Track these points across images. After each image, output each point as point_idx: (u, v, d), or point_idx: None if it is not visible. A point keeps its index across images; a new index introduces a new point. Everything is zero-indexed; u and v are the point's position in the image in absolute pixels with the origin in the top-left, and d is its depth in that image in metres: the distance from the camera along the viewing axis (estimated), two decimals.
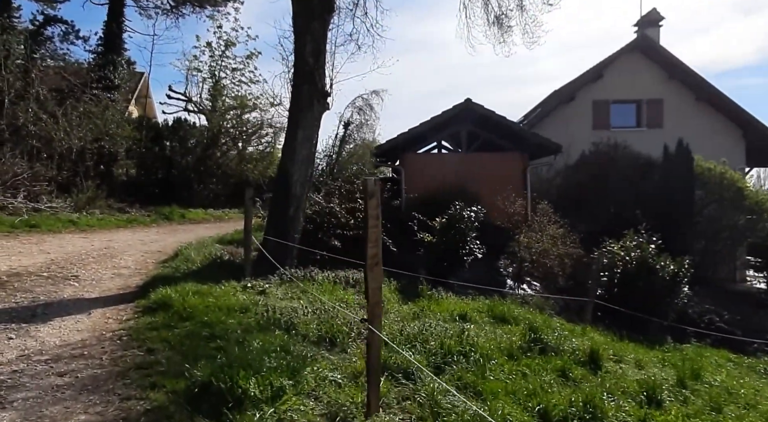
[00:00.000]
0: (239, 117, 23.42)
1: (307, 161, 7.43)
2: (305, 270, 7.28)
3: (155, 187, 20.60)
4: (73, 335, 3.90)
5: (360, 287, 6.88)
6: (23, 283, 5.50)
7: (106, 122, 16.58)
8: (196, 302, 4.73)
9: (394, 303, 6.38)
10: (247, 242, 6.77)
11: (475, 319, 5.95)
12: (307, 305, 5.63)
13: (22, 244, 8.71)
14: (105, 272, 6.70)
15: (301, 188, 7.40)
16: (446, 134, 12.97)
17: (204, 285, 5.70)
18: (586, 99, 19.20)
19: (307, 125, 7.32)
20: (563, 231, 9.70)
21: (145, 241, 10.46)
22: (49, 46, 24.49)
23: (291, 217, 7.34)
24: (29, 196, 12.31)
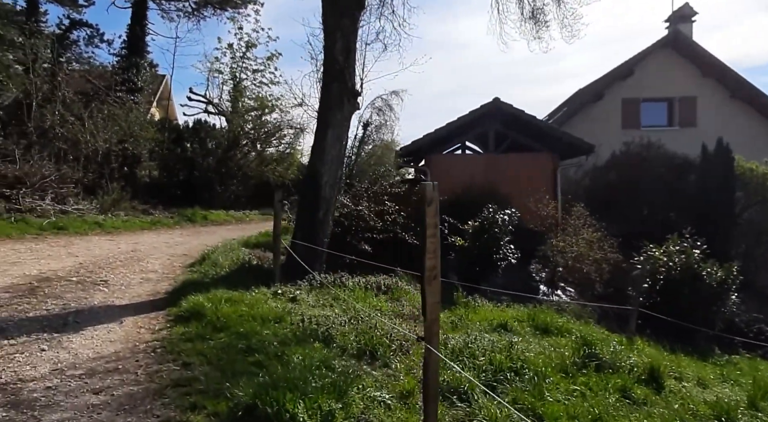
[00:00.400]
0: (259, 118, 23.42)
1: (336, 162, 7.20)
2: (335, 275, 7.06)
3: (177, 188, 20.71)
4: (106, 346, 3.72)
5: (392, 294, 6.63)
6: (53, 288, 5.38)
7: (130, 124, 16.70)
8: (229, 311, 4.53)
9: None
10: (276, 246, 6.57)
11: (516, 329, 5.63)
12: (340, 313, 5.41)
13: (51, 247, 8.69)
14: (133, 276, 6.57)
15: (331, 190, 7.17)
16: (473, 135, 12.64)
17: (234, 292, 5.52)
18: (615, 97, 18.62)
19: (336, 125, 7.09)
20: (600, 235, 9.28)
21: (170, 243, 10.39)
22: (74, 49, 24.98)
23: (320, 220, 7.12)
24: (56, 198, 12.39)
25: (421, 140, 12.21)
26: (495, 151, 12.48)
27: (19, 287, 5.32)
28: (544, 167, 12.13)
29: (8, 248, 8.15)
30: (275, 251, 6.60)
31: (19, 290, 5.18)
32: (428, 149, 12.56)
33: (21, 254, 7.58)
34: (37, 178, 11.98)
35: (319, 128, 7.17)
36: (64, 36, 24.13)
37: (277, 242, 6.57)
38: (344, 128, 7.21)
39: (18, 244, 8.68)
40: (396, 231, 8.27)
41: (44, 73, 17.33)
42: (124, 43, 23.02)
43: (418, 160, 13.26)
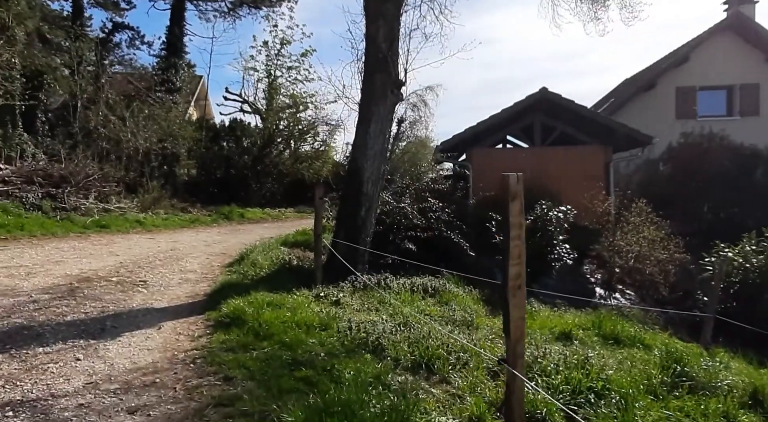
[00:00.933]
0: (294, 115, 23.37)
1: (380, 157, 6.80)
2: (378, 276, 6.67)
3: (214, 186, 20.93)
4: (144, 355, 3.45)
5: (441, 297, 6.18)
6: (93, 289, 5.23)
7: (170, 123, 16.89)
8: (272, 317, 4.20)
9: (483, 317, 5.62)
10: (318, 246, 6.24)
11: (581, 339, 5.07)
12: (388, 319, 5.01)
13: (93, 245, 8.71)
14: (172, 276, 6.40)
15: (374, 186, 6.78)
16: (517, 127, 11.98)
17: (275, 295, 5.21)
18: (669, 86, 17.44)
19: (379, 118, 6.69)
20: (663, 233, 8.50)
21: (208, 242, 10.30)
22: (117, 52, 25.68)
23: (363, 218, 6.75)
24: (99, 196, 12.58)
25: (463, 134, 11.67)
26: (541, 144, 11.78)
27: (59, 287, 5.19)
28: (595, 161, 11.35)
29: (52, 246, 8.20)
30: (316, 250, 6.27)
31: (59, 291, 5.05)
32: (470, 143, 12.01)
33: (64, 253, 7.58)
34: (81, 177, 12.18)
35: (360, 121, 6.79)
36: (107, 39, 24.87)
37: (318, 241, 6.23)
38: (387, 120, 6.80)
39: (62, 242, 8.75)
40: (441, 229, 7.81)
41: (89, 76, 17.85)
42: (163, 45, 23.46)
43: (459, 155, 12.70)
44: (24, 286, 5.18)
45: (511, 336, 2.31)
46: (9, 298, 4.63)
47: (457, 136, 11.75)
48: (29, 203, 10.55)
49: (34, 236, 9.16)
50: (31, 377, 2.95)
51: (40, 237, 9.12)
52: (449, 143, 11.79)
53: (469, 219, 8.72)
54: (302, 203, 23.50)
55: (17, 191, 10.75)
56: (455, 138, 11.77)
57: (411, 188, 8.72)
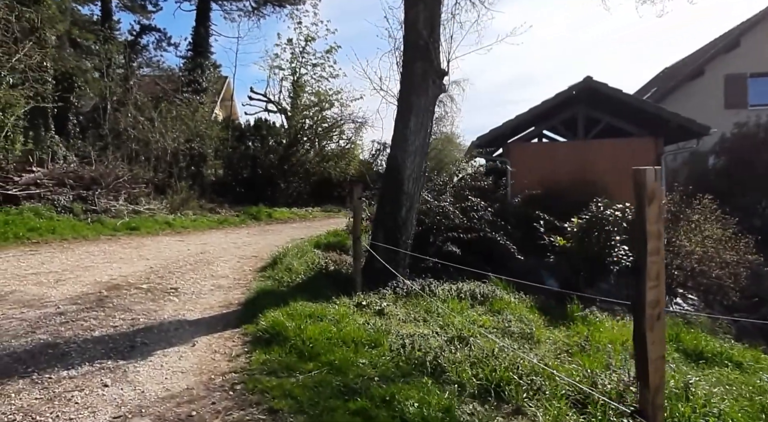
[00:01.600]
0: (320, 113, 23.07)
1: (421, 153, 6.30)
2: (421, 282, 6.19)
3: (241, 186, 20.83)
4: (177, 379, 3.06)
5: (491, 306, 5.64)
6: (122, 299, 4.91)
7: (197, 124, 16.79)
8: (315, 333, 3.77)
9: (542, 328, 5.06)
10: (357, 250, 5.79)
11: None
12: (439, 331, 4.53)
13: (123, 248, 8.50)
14: (204, 282, 6.06)
15: (414, 184, 6.29)
16: (558, 120, 11.27)
17: (315, 304, 4.80)
18: (716, 73, 16.33)
19: (420, 110, 6.19)
20: (731, 232, 7.73)
21: (238, 244, 10.01)
22: (144, 54, 25.93)
23: (403, 218, 6.26)
24: (129, 198, 12.49)
25: (500, 128, 11.06)
26: (585, 137, 11.05)
27: (88, 297, 4.90)
28: (644, 154, 10.56)
29: (83, 250, 8.01)
30: (355, 254, 5.83)
31: (88, 301, 4.75)
32: (508, 137, 11.39)
33: (94, 258, 7.37)
34: (111, 178, 12.10)
35: (400, 115, 6.30)
36: (135, 42, 25.13)
37: (357, 244, 5.79)
38: (429, 113, 6.29)
39: (92, 246, 8.58)
40: (485, 230, 7.26)
41: (118, 78, 17.96)
42: (189, 45, 23.56)
43: (495, 150, 12.08)
44: (52, 295, 4.91)
45: (649, 382, 1.78)
46: (35, 309, 4.34)
47: (494, 130, 11.14)
48: (61, 206, 10.48)
49: (65, 239, 9.03)
50: (53, 409, 2.59)
51: (71, 240, 8.99)
52: (486, 137, 11.19)
53: (512, 218, 8.13)
54: (329, 202, 23.21)
55: (49, 194, 10.71)
56: (492, 132, 11.16)
57: (450, 185, 8.18)
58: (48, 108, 13.83)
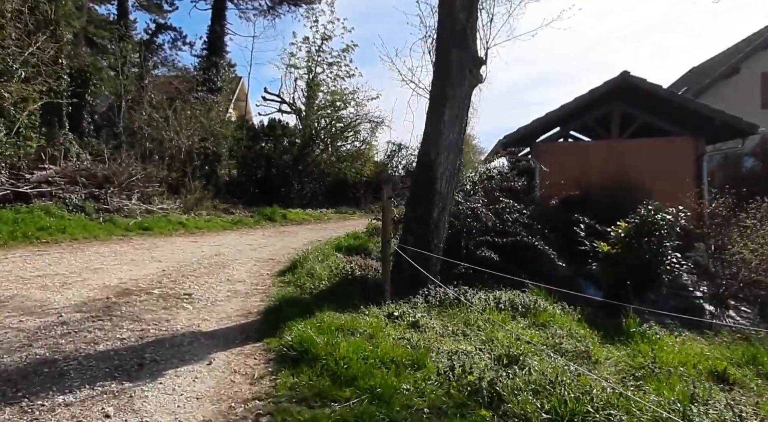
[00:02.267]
0: (335, 113, 22.65)
1: (455, 149, 5.79)
2: (455, 290, 5.66)
3: (255, 187, 20.49)
4: (192, 408, 2.58)
5: (534, 318, 5.09)
6: (132, 306, 4.47)
7: (211, 122, 16.47)
8: (349, 351, 3.26)
9: (597, 346, 4.50)
10: (385, 254, 5.28)
11: (739, 381, 3.90)
12: (484, 347, 4.01)
13: (135, 249, 8.11)
14: (219, 287, 5.61)
15: (448, 183, 5.78)
16: (591, 118, 10.66)
17: (343, 314, 4.31)
18: (753, 71, 15.54)
19: (455, 103, 5.67)
20: None
21: (253, 246, 9.57)
22: (160, 53, 25.84)
23: (435, 221, 5.75)
24: (142, 197, 12.16)
25: (529, 126, 10.49)
26: (620, 136, 10.43)
27: (94, 303, 4.46)
28: (684, 155, 9.92)
29: (93, 251, 7.63)
30: (384, 259, 5.32)
31: (94, 308, 4.31)
32: (536, 136, 10.82)
33: (105, 259, 6.97)
34: (124, 177, 11.78)
35: (433, 107, 5.79)
36: (150, 41, 25.05)
37: (386, 248, 5.28)
38: (464, 106, 5.77)
39: (104, 246, 8.20)
40: (520, 234, 6.71)
41: (133, 76, 17.79)
42: (205, 44, 23.39)
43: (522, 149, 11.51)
44: (56, 301, 4.48)
45: None
46: (36, 318, 3.91)
47: (522, 128, 10.58)
48: (72, 204, 10.15)
49: (75, 239, 8.67)
50: None
51: (81, 240, 8.63)
52: (513, 135, 10.62)
53: (544, 222, 7.56)
54: (343, 203, 22.77)
55: (61, 192, 10.39)
56: (520, 131, 10.59)
57: (480, 185, 7.63)
58: (63, 105, 13.62)
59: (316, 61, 22.76)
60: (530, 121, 10.41)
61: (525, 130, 10.52)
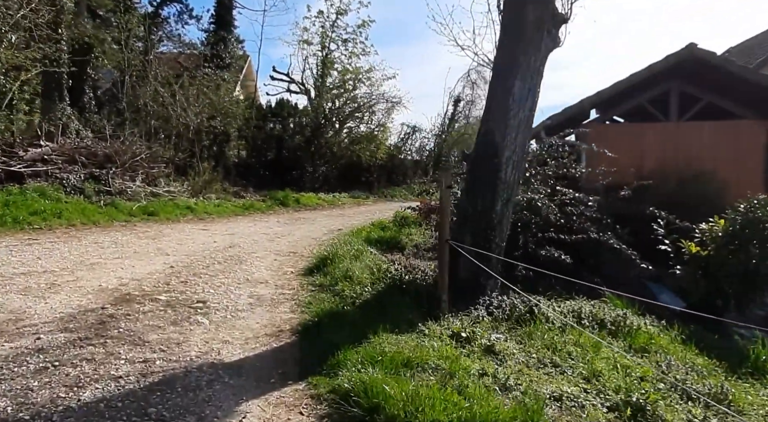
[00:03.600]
0: (350, 92, 21.47)
1: (525, 129, 4.75)
2: (520, 297, 4.69)
3: (265, 169, 19.51)
4: None
5: (630, 340, 4.12)
6: (132, 320, 3.53)
7: (220, 99, 15.39)
8: (437, 411, 2.31)
9: (719, 376, 3.54)
10: (444, 257, 4.30)
11: None
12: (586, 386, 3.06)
13: (139, 239, 7.19)
14: (238, 291, 4.67)
15: (515, 170, 4.76)
16: (646, 98, 9.51)
17: (401, 336, 3.37)
18: None
19: (528, 71, 4.61)
20: None
21: (269, 235, 8.63)
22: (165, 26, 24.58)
23: (498, 215, 4.75)
24: (147, 179, 11.22)
25: (575, 107, 9.37)
26: (679, 118, 9.30)
27: (85, 317, 3.53)
28: (752, 140, 8.78)
29: (91, 240, 6.71)
30: (441, 262, 4.34)
31: (85, 324, 3.38)
32: (582, 118, 9.70)
33: (103, 251, 6.04)
34: (127, 156, 10.82)
35: (499, 78, 4.74)
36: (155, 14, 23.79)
37: (444, 250, 4.29)
38: (538, 75, 4.71)
39: (104, 235, 7.28)
40: (589, 230, 5.70)
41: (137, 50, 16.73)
42: (212, 18, 22.15)
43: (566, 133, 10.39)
44: (37, 312, 3.56)
45: None
46: (5, 341, 2.99)
47: (568, 109, 9.45)
48: (70, 186, 9.22)
49: (72, 225, 7.77)
50: None
51: (79, 227, 7.72)
52: (558, 117, 9.50)
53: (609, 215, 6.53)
54: (356, 187, 21.78)
55: (57, 172, 9.45)
56: (565, 112, 9.48)
57: (540, 171, 6.59)
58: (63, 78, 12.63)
59: (330, 37, 21.51)
60: (578, 100, 9.29)
61: (570, 111, 9.40)
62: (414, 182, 27.48)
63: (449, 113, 31.61)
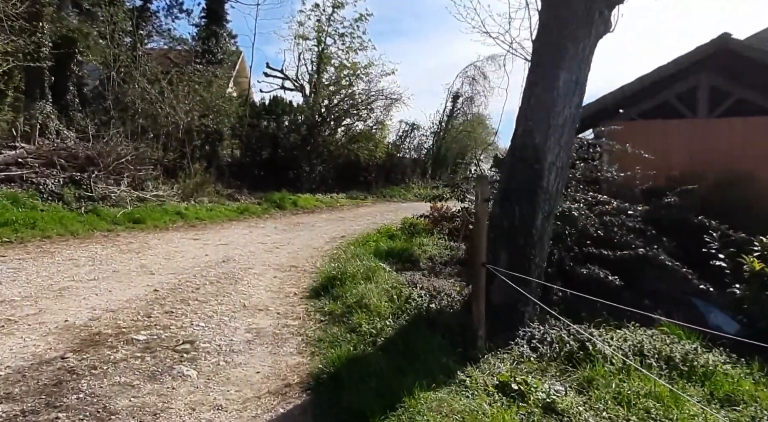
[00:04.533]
0: (348, 88, 20.66)
1: (570, 128, 4.05)
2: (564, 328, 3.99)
3: (260, 169, 18.67)
4: None
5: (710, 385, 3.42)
6: (98, 377, 2.79)
7: (212, 96, 14.54)
8: None
9: None
10: (480, 284, 3.59)
11: None
12: None
13: (121, 253, 6.41)
14: (234, 323, 3.93)
15: (558, 177, 4.05)
16: (674, 92, 8.84)
17: (438, 391, 2.66)
18: None
19: (576, 61, 3.90)
20: None
21: (267, 244, 7.88)
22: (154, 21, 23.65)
23: (539, 230, 4.05)
24: (134, 182, 10.40)
25: (596, 104, 8.71)
26: (709, 114, 8.65)
27: (38, 373, 2.78)
28: None
29: (66, 256, 5.93)
30: (476, 292, 3.62)
31: (35, 386, 2.63)
32: (603, 115, 9.03)
33: (78, 270, 5.27)
34: (111, 158, 9.99)
35: (539, 68, 4.02)
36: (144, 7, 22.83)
37: (480, 276, 3.58)
38: (586, 65, 4.00)
39: (81, 248, 6.49)
40: (635, 244, 5.01)
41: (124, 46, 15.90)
42: (203, 12, 21.27)
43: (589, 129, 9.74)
44: None
45: None
46: None
47: (594, 104, 8.79)
48: (47, 192, 8.41)
49: (47, 236, 6.97)
50: None
51: (54, 239, 6.93)
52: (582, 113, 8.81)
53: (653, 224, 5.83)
54: (354, 187, 21.02)
55: (34, 176, 8.64)
56: (588, 108, 8.80)
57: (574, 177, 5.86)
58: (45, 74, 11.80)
59: (326, 31, 20.68)
60: (599, 96, 8.61)
61: (593, 107, 8.72)
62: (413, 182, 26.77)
63: (448, 110, 30.94)
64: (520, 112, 4.20)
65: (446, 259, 6.45)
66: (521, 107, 4.20)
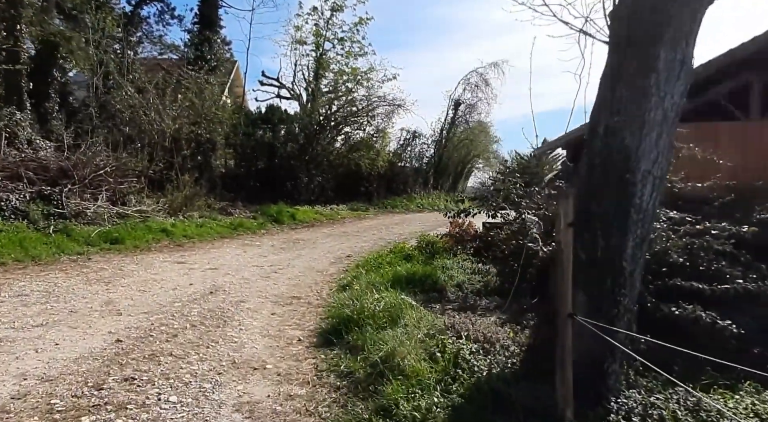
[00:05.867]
0: (348, 94, 19.71)
1: (671, 125, 3.02)
2: (674, 396, 2.93)
3: (255, 180, 17.59)
4: None
5: None
6: None
7: (204, 102, 13.51)
8: None
9: None
10: (563, 342, 2.53)
11: None
12: None
13: (88, 284, 5.31)
14: (217, 395, 2.85)
15: (655, 190, 3.01)
16: (722, 90, 7.89)
17: None
18: None
19: (677, 42, 2.89)
20: None
21: (264, 268, 6.79)
22: (144, 27, 22.73)
23: (629, 261, 2.99)
24: (114, 196, 9.31)
25: None
26: (762, 115, 7.69)
27: None
28: None
29: (15, 291, 4.82)
30: (563, 355, 2.56)
31: None
32: None
33: (24, 312, 4.17)
34: (88, 170, 8.92)
35: (630, 47, 2.99)
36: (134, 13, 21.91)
37: (564, 330, 2.52)
38: (693, 39, 2.99)
39: (38, 279, 5.38)
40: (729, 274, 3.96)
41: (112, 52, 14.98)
42: (196, 18, 20.43)
43: None
44: None
45: None
46: None
47: None
48: (10, 209, 7.33)
49: (2, 263, 5.87)
50: None
51: (10, 266, 5.83)
52: None
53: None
54: (355, 198, 20.00)
55: None
56: None
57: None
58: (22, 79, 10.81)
59: (324, 35, 19.82)
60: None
61: None
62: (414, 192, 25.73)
63: (449, 118, 30.08)
64: (598, 105, 3.16)
65: (478, 287, 5.39)
66: (599, 98, 3.17)
